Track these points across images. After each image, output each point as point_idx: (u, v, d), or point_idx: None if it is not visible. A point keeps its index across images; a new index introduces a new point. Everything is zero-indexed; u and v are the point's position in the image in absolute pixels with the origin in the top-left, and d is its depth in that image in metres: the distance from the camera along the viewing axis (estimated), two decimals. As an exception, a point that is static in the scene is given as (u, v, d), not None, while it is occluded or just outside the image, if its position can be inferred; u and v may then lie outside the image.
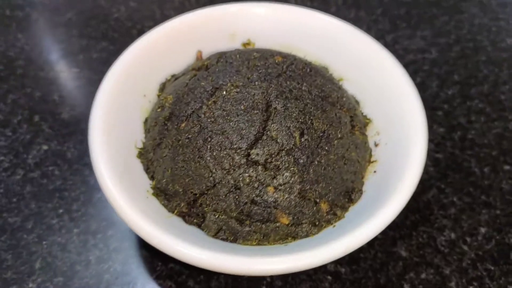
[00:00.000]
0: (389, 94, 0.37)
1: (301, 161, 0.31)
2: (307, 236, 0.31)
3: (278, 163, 0.31)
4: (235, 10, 0.41)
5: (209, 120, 0.32)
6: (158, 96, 0.39)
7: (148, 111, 0.38)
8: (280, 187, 0.31)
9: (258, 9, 0.41)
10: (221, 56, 0.38)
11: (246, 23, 0.42)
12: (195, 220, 0.32)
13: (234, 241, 0.31)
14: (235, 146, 0.31)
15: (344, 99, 0.36)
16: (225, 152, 0.31)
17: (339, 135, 0.33)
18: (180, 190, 0.32)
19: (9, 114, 0.45)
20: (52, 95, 0.47)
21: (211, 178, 0.31)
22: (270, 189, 0.31)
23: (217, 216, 0.31)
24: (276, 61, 0.36)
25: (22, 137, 0.43)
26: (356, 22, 0.55)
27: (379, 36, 0.54)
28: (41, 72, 0.49)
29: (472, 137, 0.44)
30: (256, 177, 0.31)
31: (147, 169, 0.35)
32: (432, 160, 0.43)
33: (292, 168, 0.31)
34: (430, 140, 0.44)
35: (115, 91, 0.35)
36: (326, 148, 0.32)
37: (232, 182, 0.31)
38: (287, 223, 0.31)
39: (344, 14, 0.57)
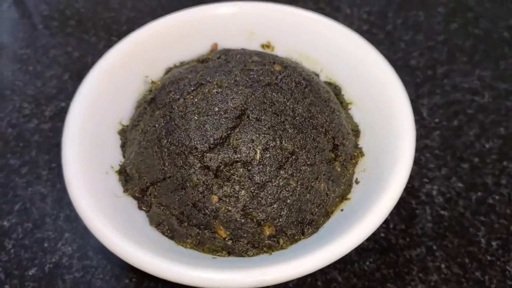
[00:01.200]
0: (389, 128, 0.33)
1: (256, 178, 0.29)
2: (241, 255, 0.29)
3: (230, 174, 0.29)
4: (256, 8, 0.40)
5: (179, 114, 0.32)
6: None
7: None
8: (224, 199, 0.29)
9: (280, 11, 0.40)
10: (224, 53, 0.37)
11: (266, 23, 0.40)
12: (143, 208, 0.32)
13: (171, 238, 0.31)
14: (192, 145, 0.30)
15: (334, 125, 0.33)
16: (181, 149, 0.30)
17: (309, 162, 0.31)
18: (136, 175, 0.32)
19: (46, 67, 0.49)
20: (86, 58, 0.50)
21: (162, 171, 0.31)
22: (214, 197, 0.29)
23: (161, 209, 0.31)
24: (273, 69, 0.34)
25: (48, 91, 0.47)
26: (409, 45, 0.50)
27: (430, 66, 0.48)
28: (86, 35, 0.52)
29: (493, 202, 0.38)
30: (203, 182, 0.29)
31: (122, 146, 0.36)
32: (434, 215, 0.37)
33: (243, 183, 0.29)
34: (441, 193, 0.39)
35: (115, 67, 0.36)
36: (289, 171, 0.30)
37: (180, 180, 0.30)
38: (224, 236, 0.30)
39: (399, 34, 0.52)
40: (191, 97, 0.32)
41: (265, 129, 0.30)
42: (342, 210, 0.32)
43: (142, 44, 0.38)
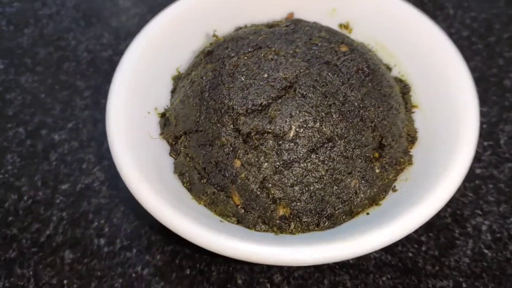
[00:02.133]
0: (448, 144, 0.30)
1: (284, 154, 0.28)
2: (248, 227, 0.29)
3: (258, 142, 0.28)
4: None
5: (228, 71, 0.31)
6: (230, 37, 0.39)
7: (211, 46, 0.38)
8: (246, 166, 0.28)
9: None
10: (294, 22, 0.35)
11: (349, 1, 0.37)
12: (172, 154, 0.32)
13: (189, 190, 0.31)
14: (230, 104, 0.29)
15: (386, 123, 0.30)
16: (219, 106, 0.30)
17: (346, 154, 0.29)
18: (174, 121, 0.32)
19: (133, 4, 0.51)
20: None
21: (196, 123, 0.30)
22: (237, 162, 0.28)
23: (186, 160, 0.31)
24: (338, 49, 0.32)
25: (129, 27, 0.49)
26: (509, 63, 0.44)
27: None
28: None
29: None
30: (230, 144, 0.29)
31: (172, 92, 0.36)
32: (475, 251, 0.33)
33: (269, 155, 0.28)
34: (491, 231, 0.34)
35: (184, 15, 0.37)
36: (321, 158, 0.28)
37: (210, 136, 0.30)
38: (237, 203, 0.29)
39: (501, 49, 0.45)
40: (245, 58, 0.31)
41: (307, 107, 0.29)
42: (368, 213, 0.29)
43: (218, 1, 0.37)
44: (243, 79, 0.30)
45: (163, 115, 0.34)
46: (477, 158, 0.38)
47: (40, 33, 0.48)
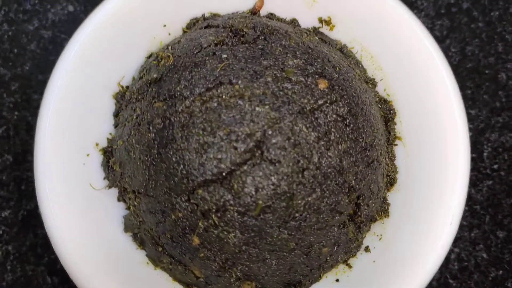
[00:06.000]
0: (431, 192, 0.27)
1: (249, 233, 0.25)
2: (209, 301, 0.27)
3: (220, 220, 0.25)
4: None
5: (181, 122, 0.25)
6: (183, 32, 0.31)
7: (161, 45, 0.31)
8: (206, 245, 0.25)
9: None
10: (265, 34, 0.28)
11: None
12: (121, 202, 0.28)
13: (143, 249, 0.28)
14: (184, 173, 0.24)
15: (364, 182, 0.27)
16: (171, 171, 0.25)
17: (318, 226, 0.26)
18: (119, 171, 0.27)
19: None
20: None
21: (145, 186, 0.26)
22: (196, 240, 0.25)
23: (137, 221, 0.27)
24: (315, 86, 0.26)
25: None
26: (510, 50, 0.39)
27: (522, 86, 0.38)
28: None
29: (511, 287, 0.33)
30: (187, 219, 0.25)
31: (115, 115, 0.30)
32: (440, 282, 0.33)
33: (232, 235, 0.25)
34: (459, 260, 0.34)
35: (125, 9, 0.28)
36: (291, 233, 0.25)
37: (162, 206, 0.25)
38: (198, 275, 0.26)
39: (503, 29, 0.39)
40: (202, 100, 0.25)
41: (276, 178, 0.24)
42: (337, 280, 0.28)
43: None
44: (200, 134, 0.25)
45: (105, 153, 0.29)
46: (456, 175, 0.35)
47: None
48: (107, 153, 0.29)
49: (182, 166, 0.25)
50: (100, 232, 0.26)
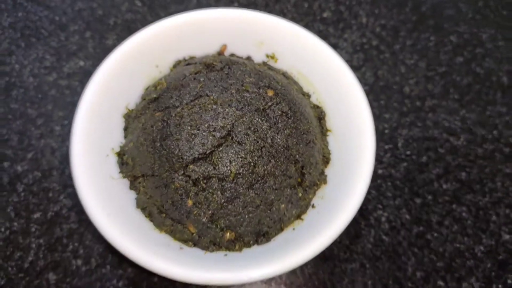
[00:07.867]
0: (351, 163, 0.38)
1: (227, 193, 0.35)
2: (203, 249, 0.36)
3: (206, 185, 0.35)
4: (265, 19, 0.43)
5: (175, 122, 0.37)
6: (171, 70, 0.44)
7: (155, 80, 0.43)
8: (197, 204, 0.35)
9: (284, 27, 0.43)
10: (229, 64, 0.40)
11: (272, 36, 0.43)
12: (133, 189, 0.38)
13: (151, 221, 0.38)
14: (179, 155, 0.35)
15: (305, 156, 0.38)
16: (170, 155, 0.36)
17: (276, 186, 0.37)
18: (131, 164, 0.38)
19: (70, 21, 0.53)
20: (110, 18, 0.53)
21: (152, 169, 0.37)
22: (190, 202, 0.36)
23: (146, 197, 0.37)
24: (266, 94, 0.38)
25: (69, 46, 0.51)
26: (409, 70, 0.53)
27: (421, 97, 0.51)
28: (113, -7, 0.55)
29: (430, 238, 0.44)
30: (183, 187, 0.36)
31: (125, 129, 0.41)
32: (376, 238, 0.44)
33: (215, 195, 0.35)
34: (388, 221, 0.45)
35: (129, 55, 0.41)
36: (257, 192, 0.36)
37: (164, 180, 0.36)
38: (192, 232, 0.36)
39: (404, 56, 0.54)
40: (189, 107, 0.37)
41: (243, 153, 0.36)
42: (294, 229, 0.38)
43: (156, 37, 0.42)
44: (188, 129, 0.36)
45: (120, 154, 0.39)
46: (379, 160, 0.47)
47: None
48: (120, 155, 0.39)
49: (177, 151, 0.36)
50: (119, 208, 0.36)
